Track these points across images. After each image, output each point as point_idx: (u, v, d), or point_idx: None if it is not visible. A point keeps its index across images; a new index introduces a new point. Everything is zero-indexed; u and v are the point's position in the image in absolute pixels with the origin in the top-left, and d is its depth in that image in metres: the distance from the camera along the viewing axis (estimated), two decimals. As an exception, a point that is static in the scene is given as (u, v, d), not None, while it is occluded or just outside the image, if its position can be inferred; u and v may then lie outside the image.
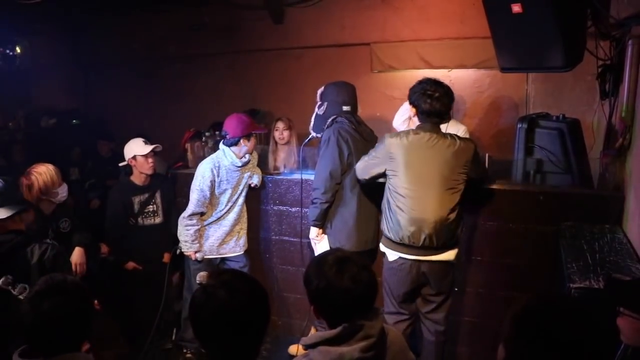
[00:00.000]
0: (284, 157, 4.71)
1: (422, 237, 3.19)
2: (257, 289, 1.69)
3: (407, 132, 3.29)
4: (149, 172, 4.21)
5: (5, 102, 6.76)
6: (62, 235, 3.78)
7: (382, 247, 3.44)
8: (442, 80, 3.35)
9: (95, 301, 3.84)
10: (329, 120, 3.78)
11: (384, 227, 3.37)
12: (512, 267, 3.75)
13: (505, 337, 1.27)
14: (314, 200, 3.75)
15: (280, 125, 4.76)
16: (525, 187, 3.79)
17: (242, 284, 1.66)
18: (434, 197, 3.19)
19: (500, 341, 1.31)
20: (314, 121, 3.91)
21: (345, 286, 1.76)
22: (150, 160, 4.18)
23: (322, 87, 3.92)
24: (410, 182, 3.21)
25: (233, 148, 3.89)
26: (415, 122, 3.43)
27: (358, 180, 3.65)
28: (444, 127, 4.36)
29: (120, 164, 4.32)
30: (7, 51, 5.26)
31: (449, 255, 3.30)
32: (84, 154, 6.36)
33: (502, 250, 3.78)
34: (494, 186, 3.74)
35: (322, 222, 3.78)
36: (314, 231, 3.83)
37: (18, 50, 5.33)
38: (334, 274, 1.78)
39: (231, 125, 3.88)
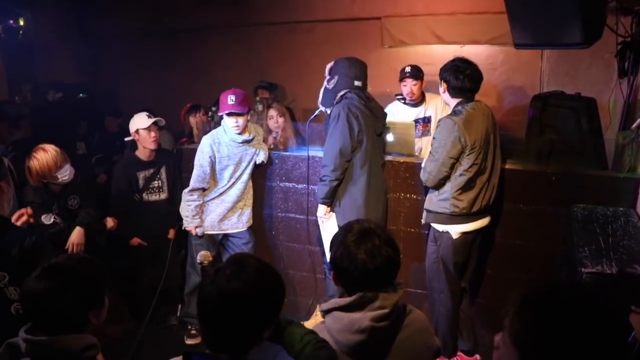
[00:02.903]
0: (282, 142, 4.60)
1: (484, 203, 3.40)
2: (270, 281, 1.60)
3: (461, 110, 3.31)
4: (152, 146, 4.15)
5: (11, 76, 6.73)
6: (70, 212, 3.81)
7: (442, 227, 3.43)
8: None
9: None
10: (339, 95, 3.69)
11: (451, 205, 3.34)
12: (522, 248, 3.70)
13: (515, 335, 1.17)
14: (323, 178, 3.67)
15: (273, 112, 4.54)
16: (538, 168, 3.72)
17: (252, 267, 1.57)
18: (495, 163, 3.41)
19: (501, 330, 1.23)
20: (323, 95, 3.81)
21: (361, 258, 1.75)
22: (152, 134, 4.12)
23: (332, 62, 3.82)
24: (481, 152, 3.29)
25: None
26: (447, 98, 3.45)
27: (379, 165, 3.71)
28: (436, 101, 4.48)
29: (126, 139, 4.27)
30: (10, 23, 5.18)
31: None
32: (91, 128, 6.31)
33: (512, 232, 3.72)
34: (506, 166, 3.66)
35: (331, 200, 3.72)
36: (322, 209, 3.76)
37: (21, 22, 5.25)
38: (353, 244, 1.78)
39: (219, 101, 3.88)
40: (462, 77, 3.29)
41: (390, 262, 1.79)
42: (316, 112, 3.92)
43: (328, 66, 3.83)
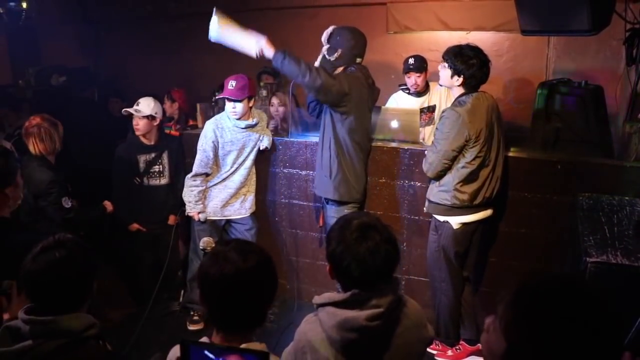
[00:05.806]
0: (284, 128, 4.59)
1: (487, 195, 3.36)
2: (265, 255, 1.70)
3: (465, 101, 3.24)
4: (137, 133, 4.16)
5: (15, 60, 6.70)
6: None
7: (442, 218, 3.41)
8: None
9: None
10: (339, 69, 3.65)
11: (452, 197, 3.30)
12: (526, 237, 3.68)
13: (505, 325, 1.14)
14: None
15: (275, 101, 4.63)
16: (543, 156, 3.69)
17: (251, 247, 1.68)
18: (499, 155, 3.36)
19: (494, 320, 1.19)
20: (321, 64, 3.72)
21: (361, 255, 1.72)
22: (134, 122, 4.13)
23: (331, 29, 3.74)
24: (485, 144, 3.24)
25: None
26: (455, 89, 3.35)
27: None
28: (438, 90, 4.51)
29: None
30: (12, 5, 5.14)
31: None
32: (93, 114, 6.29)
33: (516, 220, 3.69)
34: (510, 154, 3.63)
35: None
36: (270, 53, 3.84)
37: (24, 5, 5.21)
38: (354, 240, 1.74)
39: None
40: (485, 70, 3.24)
41: (390, 260, 1.77)
42: None
43: (327, 32, 3.75)
